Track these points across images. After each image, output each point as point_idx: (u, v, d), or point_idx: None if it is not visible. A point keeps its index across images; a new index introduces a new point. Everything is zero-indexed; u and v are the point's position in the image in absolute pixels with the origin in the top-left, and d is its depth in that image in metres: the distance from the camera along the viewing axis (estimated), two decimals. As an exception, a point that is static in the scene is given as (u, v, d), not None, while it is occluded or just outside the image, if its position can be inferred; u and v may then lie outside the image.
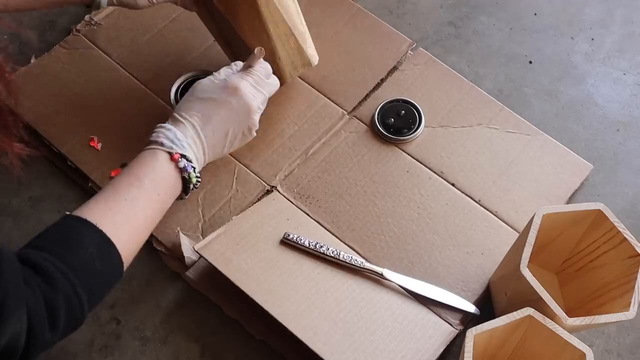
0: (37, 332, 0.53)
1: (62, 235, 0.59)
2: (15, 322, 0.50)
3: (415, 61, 1.01)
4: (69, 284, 0.56)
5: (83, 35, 1.01)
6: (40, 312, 0.53)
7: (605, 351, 0.84)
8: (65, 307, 0.55)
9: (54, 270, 0.55)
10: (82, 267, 0.57)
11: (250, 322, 0.82)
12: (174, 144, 0.69)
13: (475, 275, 0.85)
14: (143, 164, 0.68)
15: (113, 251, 0.60)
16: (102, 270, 0.60)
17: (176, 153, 0.68)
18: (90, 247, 0.59)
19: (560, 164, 0.94)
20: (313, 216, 0.88)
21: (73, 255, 0.57)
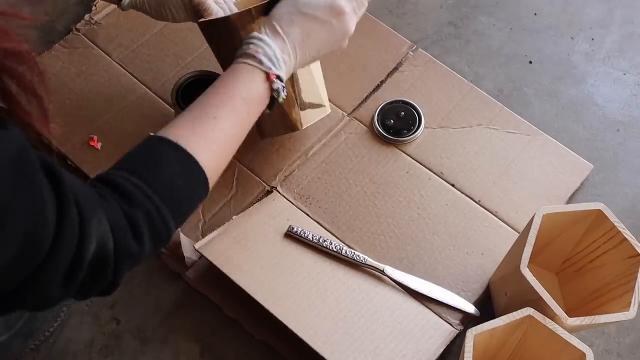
0: (121, 240, 0.52)
1: (143, 155, 0.58)
2: (97, 224, 0.50)
3: (415, 62, 1.01)
4: (149, 201, 0.54)
5: (83, 34, 1.01)
6: (120, 223, 0.52)
7: (605, 351, 0.84)
8: (147, 222, 0.54)
9: (132, 188, 0.54)
10: (162, 184, 0.56)
11: (250, 322, 0.82)
12: (272, 64, 0.65)
13: (475, 275, 0.85)
14: (238, 80, 0.64)
15: (196, 169, 0.59)
16: (185, 188, 0.58)
17: (273, 73, 0.65)
18: (172, 165, 0.57)
19: (560, 164, 0.94)
20: (313, 217, 0.88)
21: (153, 173, 0.56)
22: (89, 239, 0.49)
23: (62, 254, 0.47)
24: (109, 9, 1.03)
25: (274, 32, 0.66)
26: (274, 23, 0.67)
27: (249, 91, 0.64)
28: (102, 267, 0.51)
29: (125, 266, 0.53)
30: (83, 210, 0.49)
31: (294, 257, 0.84)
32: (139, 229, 0.53)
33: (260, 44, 0.65)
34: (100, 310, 0.84)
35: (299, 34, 0.67)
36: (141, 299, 0.84)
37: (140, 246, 0.54)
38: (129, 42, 1.01)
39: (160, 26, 1.02)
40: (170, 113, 0.95)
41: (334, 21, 0.69)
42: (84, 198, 0.50)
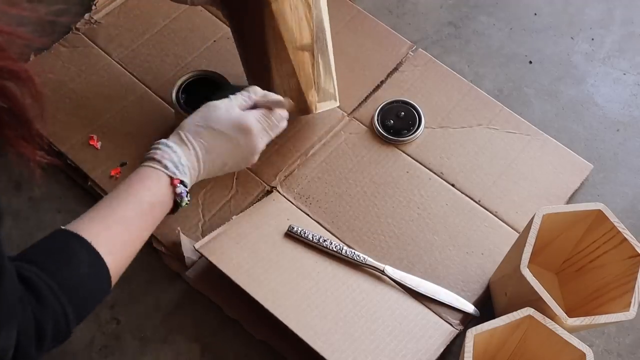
0: (24, 349, 0.53)
1: (56, 251, 0.59)
2: (5, 338, 0.50)
3: (415, 62, 1.01)
4: (58, 304, 0.56)
5: (83, 33, 1.01)
6: (29, 330, 0.53)
7: (605, 351, 0.84)
8: (52, 326, 0.55)
9: (46, 289, 0.55)
10: (73, 286, 0.57)
11: (251, 322, 0.82)
12: (177, 169, 0.68)
13: (475, 275, 0.85)
14: (144, 183, 0.67)
15: (105, 270, 0.61)
16: (92, 289, 0.60)
17: (177, 179, 0.68)
18: (83, 266, 0.59)
19: (560, 164, 0.94)
20: (313, 216, 0.88)
21: (65, 273, 0.57)
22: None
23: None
24: (109, 8, 1.03)
25: (180, 141, 0.71)
26: (181, 133, 0.71)
27: (154, 195, 0.67)
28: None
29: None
30: None
31: (294, 257, 0.84)
32: (44, 336, 0.55)
33: (167, 150, 0.69)
34: (100, 310, 0.84)
35: (205, 146, 0.71)
36: (141, 299, 0.84)
37: (39, 350, 0.55)
38: (129, 42, 1.01)
39: (160, 26, 1.02)
40: (170, 113, 0.95)
41: (240, 138, 0.73)
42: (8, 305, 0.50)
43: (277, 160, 0.92)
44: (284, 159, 0.92)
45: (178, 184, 0.68)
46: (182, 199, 0.69)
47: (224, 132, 0.72)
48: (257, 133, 0.74)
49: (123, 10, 1.03)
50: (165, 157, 0.68)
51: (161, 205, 0.68)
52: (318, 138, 0.94)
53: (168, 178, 0.68)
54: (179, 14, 1.04)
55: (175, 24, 1.03)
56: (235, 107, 0.74)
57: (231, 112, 0.73)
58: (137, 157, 0.91)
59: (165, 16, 1.03)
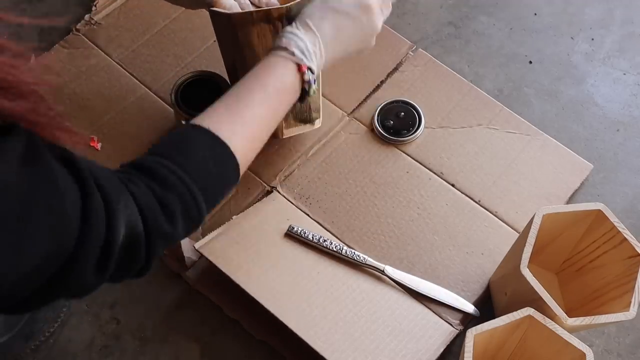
0: (152, 222, 0.53)
1: (176, 140, 0.59)
2: (124, 208, 0.50)
3: (415, 62, 1.01)
4: (181, 183, 0.55)
5: (83, 34, 1.01)
6: (150, 204, 0.53)
7: (605, 351, 0.84)
8: (180, 204, 0.55)
9: (164, 171, 0.55)
10: (195, 168, 0.57)
11: (251, 322, 0.82)
12: (304, 56, 0.66)
13: (475, 275, 0.85)
14: (271, 71, 0.65)
15: (228, 154, 0.59)
16: (216, 172, 0.59)
17: (305, 65, 0.66)
18: (204, 150, 0.58)
19: (560, 164, 0.94)
20: (313, 217, 0.88)
21: (185, 157, 0.57)
22: (117, 223, 0.49)
23: (92, 242, 0.47)
24: (109, 9, 1.04)
25: (305, 27, 0.68)
26: (306, 19, 0.68)
27: (281, 81, 0.65)
28: (134, 250, 0.52)
29: (158, 247, 0.54)
30: (107, 195, 0.49)
31: (294, 257, 0.84)
32: (171, 211, 0.54)
33: (292, 37, 0.66)
34: (100, 310, 0.84)
35: (329, 29, 0.68)
36: (141, 299, 0.84)
37: (172, 227, 0.54)
38: (129, 43, 1.01)
39: (160, 26, 1.03)
40: (170, 113, 0.95)
41: (363, 18, 0.70)
42: (107, 182, 0.50)
43: (277, 160, 0.92)
44: (284, 159, 0.92)
45: (306, 70, 0.66)
46: (310, 86, 0.67)
47: (348, 12, 0.69)
48: (377, 11, 0.71)
49: (123, 11, 1.04)
50: (292, 44, 0.66)
51: (288, 92, 0.66)
52: (318, 138, 0.94)
53: (295, 65, 0.66)
54: (179, 15, 1.04)
55: (175, 24, 1.03)
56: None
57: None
58: (137, 158, 0.91)
59: (165, 16, 1.03)
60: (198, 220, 0.57)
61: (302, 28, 0.68)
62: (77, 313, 0.83)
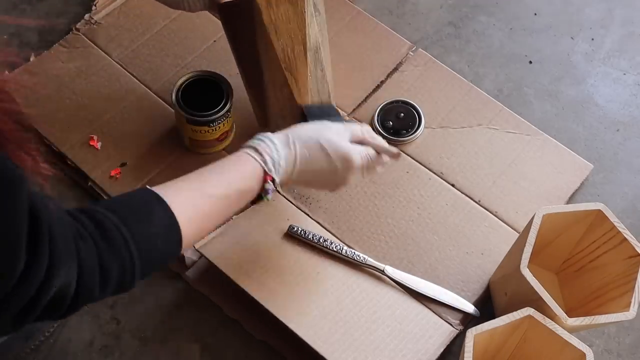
0: (87, 287, 0.54)
1: (136, 205, 0.60)
2: (65, 273, 0.51)
3: (415, 62, 1.01)
4: (127, 252, 0.56)
5: (83, 34, 1.01)
6: (92, 268, 0.54)
7: (605, 351, 0.84)
8: (118, 271, 0.56)
9: (118, 236, 0.56)
10: (144, 241, 0.58)
11: (250, 322, 0.82)
12: (274, 167, 0.69)
13: (475, 275, 0.85)
14: (240, 171, 0.68)
15: (178, 235, 0.61)
16: (162, 250, 0.60)
17: (270, 176, 0.69)
18: (159, 226, 0.59)
19: (560, 164, 0.94)
20: (313, 217, 0.88)
21: (140, 228, 0.58)
22: (50, 285, 0.50)
23: (20, 297, 0.48)
24: (108, 8, 1.03)
25: (286, 143, 0.71)
26: (290, 136, 0.71)
27: (245, 185, 0.67)
28: (57, 306, 0.53)
29: (82, 304, 0.55)
30: (55, 259, 0.49)
31: (294, 257, 0.84)
32: (108, 277, 0.55)
33: (271, 147, 0.69)
34: (100, 310, 0.84)
35: (306, 158, 0.71)
36: (141, 299, 0.84)
37: (102, 293, 0.56)
38: (129, 42, 1.01)
39: (160, 26, 1.02)
40: (170, 113, 0.95)
41: (340, 168, 0.72)
42: (62, 246, 0.50)
43: (277, 160, 0.92)
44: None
45: (269, 181, 0.69)
46: (267, 194, 0.69)
47: (329, 154, 0.72)
48: (356, 170, 0.74)
49: (123, 11, 1.03)
50: (268, 152, 0.69)
51: (248, 194, 0.69)
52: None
53: (263, 172, 0.68)
54: (179, 14, 1.04)
55: (175, 24, 1.03)
56: (347, 137, 0.74)
57: (342, 140, 0.73)
58: (137, 158, 0.91)
59: (165, 16, 1.03)
60: (127, 288, 0.59)
61: (283, 142, 0.71)
62: (77, 313, 0.83)
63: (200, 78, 0.88)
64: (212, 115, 0.85)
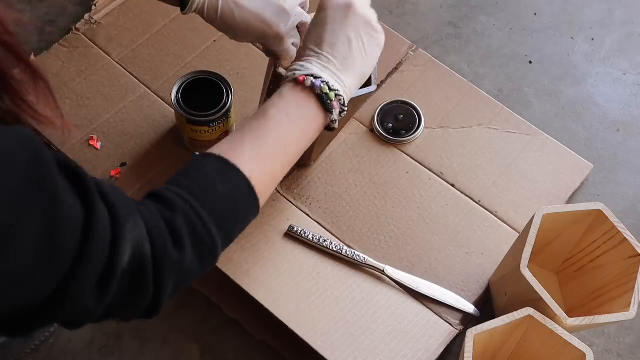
0: (160, 245, 0.50)
1: (184, 168, 0.57)
2: (133, 228, 0.48)
3: (415, 62, 1.01)
4: (188, 206, 0.53)
5: (83, 34, 1.01)
6: (158, 225, 0.50)
7: (605, 351, 0.84)
8: (187, 228, 0.52)
9: (171, 195, 0.53)
10: (202, 191, 0.55)
11: (250, 322, 0.82)
12: (296, 70, 0.64)
13: (475, 275, 0.85)
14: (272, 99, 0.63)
15: (241, 179, 0.57)
16: (227, 193, 0.56)
17: (300, 75, 0.63)
18: (211, 172, 0.56)
19: (560, 164, 0.94)
20: (313, 217, 0.88)
21: (193, 181, 0.55)
22: (122, 243, 0.46)
23: (92, 260, 0.45)
24: (108, 8, 1.03)
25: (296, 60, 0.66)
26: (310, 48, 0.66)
27: (280, 98, 0.63)
28: (140, 276, 0.49)
29: (167, 276, 0.50)
30: (116, 212, 0.47)
31: (294, 257, 0.84)
32: (180, 236, 0.51)
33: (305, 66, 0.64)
34: (100, 310, 0.83)
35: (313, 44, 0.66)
36: (141, 299, 0.84)
37: (180, 253, 0.51)
38: (129, 42, 1.01)
39: (160, 26, 1.02)
40: (170, 113, 0.95)
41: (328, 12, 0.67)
42: (118, 201, 0.48)
43: (277, 160, 0.92)
44: None
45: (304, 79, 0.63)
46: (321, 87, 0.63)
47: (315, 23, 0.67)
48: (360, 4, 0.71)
49: (123, 11, 1.03)
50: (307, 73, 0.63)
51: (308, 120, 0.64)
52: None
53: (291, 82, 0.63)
54: (178, 14, 1.03)
55: (175, 24, 1.03)
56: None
57: None
58: (137, 158, 0.91)
59: (165, 16, 1.03)
60: (210, 248, 0.54)
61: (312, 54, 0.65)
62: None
63: (200, 78, 0.88)
64: (212, 115, 0.85)
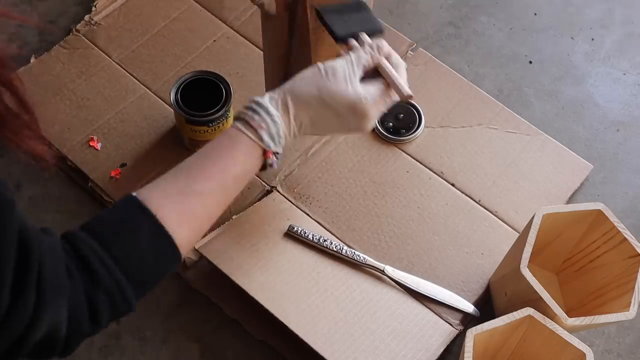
0: (77, 323, 0.52)
1: (119, 223, 0.56)
2: (54, 312, 0.49)
3: (415, 62, 1.01)
4: (113, 281, 0.53)
5: (83, 35, 1.01)
6: (80, 305, 0.51)
7: (605, 351, 0.84)
8: (108, 302, 0.53)
9: (99, 265, 0.53)
10: (131, 263, 0.54)
11: (250, 321, 0.82)
12: (273, 142, 0.61)
13: (475, 275, 0.85)
14: (234, 155, 0.60)
15: (171, 248, 0.56)
16: (155, 264, 0.56)
17: (271, 151, 0.61)
18: (146, 241, 0.55)
19: (560, 164, 0.94)
20: (313, 216, 0.88)
21: (125, 249, 0.54)
22: (38, 325, 0.48)
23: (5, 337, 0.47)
24: (108, 9, 1.03)
25: (284, 110, 0.62)
26: (288, 99, 0.62)
27: (241, 168, 0.61)
28: (49, 347, 0.51)
29: (76, 344, 0.54)
30: (43, 298, 0.48)
31: (294, 257, 0.84)
32: (97, 312, 0.53)
33: (266, 118, 0.61)
34: (100, 310, 0.83)
35: (308, 119, 0.63)
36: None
37: (95, 326, 0.54)
38: (129, 43, 1.01)
39: (160, 26, 1.02)
40: (170, 113, 0.95)
41: (352, 120, 0.64)
42: (51, 283, 0.49)
43: (277, 160, 0.92)
44: (284, 158, 0.92)
45: (271, 155, 0.62)
46: (272, 166, 0.63)
47: (336, 110, 0.62)
48: (372, 118, 0.64)
49: (123, 12, 1.04)
50: (263, 127, 0.60)
51: (247, 175, 0.62)
52: (318, 137, 0.94)
53: (261, 150, 0.61)
54: (178, 14, 1.04)
55: (175, 24, 1.03)
56: (355, 79, 0.63)
57: (349, 88, 0.62)
58: (137, 158, 0.91)
59: (165, 16, 1.03)
60: (125, 313, 0.56)
61: (281, 109, 0.62)
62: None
63: (199, 78, 0.88)
64: (212, 115, 0.85)
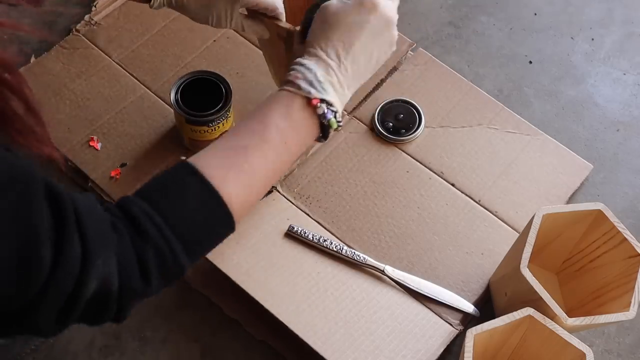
0: (127, 281, 0.51)
1: (168, 186, 0.56)
2: (102, 265, 0.49)
3: (415, 61, 1.01)
4: (162, 239, 0.53)
5: (83, 35, 1.01)
6: (129, 258, 0.51)
7: (605, 351, 0.84)
8: (156, 260, 0.53)
9: (148, 224, 0.53)
10: (181, 222, 0.54)
11: (250, 322, 0.82)
12: (313, 87, 0.60)
13: (475, 275, 0.85)
14: (274, 108, 0.59)
15: (218, 205, 0.56)
16: (205, 224, 0.56)
17: (315, 98, 0.59)
18: (193, 200, 0.55)
19: (560, 164, 0.94)
20: (313, 216, 0.88)
21: (174, 209, 0.54)
22: (88, 280, 0.48)
23: (55, 294, 0.46)
24: (108, 9, 1.03)
25: (312, 55, 0.62)
26: (311, 48, 0.62)
27: (285, 119, 0.59)
28: (103, 304, 0.50)
29: (131, 303, 0.53)
30: (89, 249, 0.48)
31: (294, 257, 0.84)
32: (147, 269, 0.52)
33: (300, 69, 0.61)
34: (100, 310, 0.84)
35: (340, 48, 0.62)
36: (141, 299, 0.84)
37: (146, 286, 0.53)
38: (129, 43, 1.01)
39: (160, 26, 1.02)
40: (170, 113, 0.95)
41: (370, 17, 0.63)
42: (95, 234, 0.49)
43: (277, 160, 0.92)
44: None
45: (318, 104, 0.60)
46: (329, 120, 0.60)
47: (350, 21, 0.62)
48: (383, 3, 0.63)
49: (123, 11, 1.04)
50: (299, 76, 0.60)
51: (297, 131, 0.60)
52: (318, 138, 0.94)
53: (303, 99, 0.59)
54: (178, 14, 1.03)
55: (175, 24, 1.03)
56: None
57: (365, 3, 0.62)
58: (137, 158, 0.91)
59: (165, 16, 1.03)
60: (177, 275, 0.55)
61: (308, 57, 0.62)
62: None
63: (199, 78, 0.88)
64: (212, 115, 0.85)
